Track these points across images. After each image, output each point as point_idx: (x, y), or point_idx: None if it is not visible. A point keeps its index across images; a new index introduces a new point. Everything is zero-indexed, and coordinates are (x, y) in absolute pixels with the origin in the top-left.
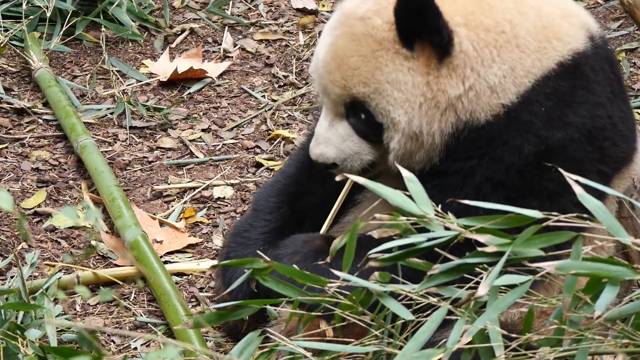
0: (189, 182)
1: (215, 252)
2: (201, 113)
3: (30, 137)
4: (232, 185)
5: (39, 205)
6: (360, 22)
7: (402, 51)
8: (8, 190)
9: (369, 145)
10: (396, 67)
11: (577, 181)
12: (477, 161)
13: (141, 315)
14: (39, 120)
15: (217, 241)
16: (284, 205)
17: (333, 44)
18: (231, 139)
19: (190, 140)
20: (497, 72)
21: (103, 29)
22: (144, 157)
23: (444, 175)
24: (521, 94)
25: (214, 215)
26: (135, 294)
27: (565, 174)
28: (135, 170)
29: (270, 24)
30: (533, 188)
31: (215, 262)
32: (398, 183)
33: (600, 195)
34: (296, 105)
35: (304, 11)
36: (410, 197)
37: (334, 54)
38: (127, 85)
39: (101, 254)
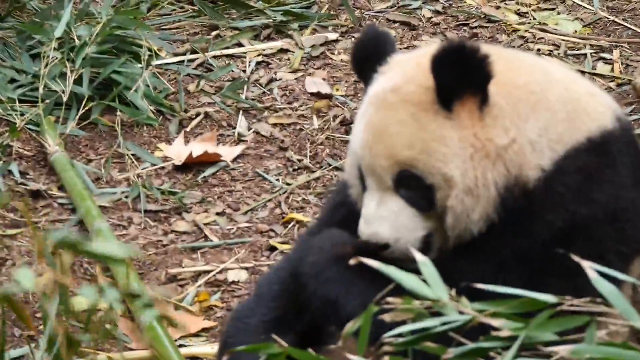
0: (203, 265)
1: None
2: (215, 197)
3: (45, 221)
4: (246, 268)
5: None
6: (392, 93)
7: (441, 112)
8: None
9: (423, 217)
10: (439, 125)
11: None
12: (512, 233)
13: None
14: (54, 203)
15: None
16: (286, 292)
17: (368, 123)
18: (245, 222)
19: (204, 224)
20: (533, 127)
21: (118, 113)
22: (159, 240)
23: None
24: (555, 160)
25: (228, 298)
26: None
27: (577, 259)
28: (150, 254)
29: (284, 108)
30: (554, 264)
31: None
32: None
33: (617, 279)
34: (310, 189)
35: (318, 95)
36: (424, 280)
37: (372, 130)
38: (142, 169)
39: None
